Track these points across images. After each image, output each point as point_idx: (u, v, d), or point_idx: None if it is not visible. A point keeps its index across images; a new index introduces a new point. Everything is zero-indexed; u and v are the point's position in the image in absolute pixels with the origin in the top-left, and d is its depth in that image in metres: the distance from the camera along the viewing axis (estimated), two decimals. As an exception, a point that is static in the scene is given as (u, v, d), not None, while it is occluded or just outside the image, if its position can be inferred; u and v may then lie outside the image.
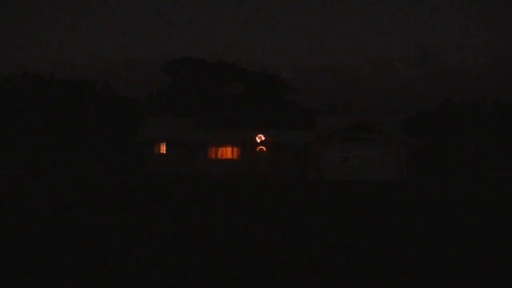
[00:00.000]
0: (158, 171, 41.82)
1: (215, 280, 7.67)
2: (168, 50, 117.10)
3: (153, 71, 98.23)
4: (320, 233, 12.17)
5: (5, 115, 49.12)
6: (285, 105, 63.89)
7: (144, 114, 51.84)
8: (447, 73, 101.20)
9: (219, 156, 42.91)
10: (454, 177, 40.29)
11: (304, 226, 13.19)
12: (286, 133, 42.56)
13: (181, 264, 8.65)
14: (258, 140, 42.06)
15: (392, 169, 38.93)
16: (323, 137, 39.69)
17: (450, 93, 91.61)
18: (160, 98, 64.59)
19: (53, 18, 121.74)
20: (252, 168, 41.46)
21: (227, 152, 42.92)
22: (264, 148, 42.30)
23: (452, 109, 54.45)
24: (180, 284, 7.49)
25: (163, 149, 43.44)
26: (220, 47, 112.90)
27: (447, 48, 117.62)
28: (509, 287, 7.64)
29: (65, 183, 30.37)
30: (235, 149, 42.65)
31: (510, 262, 9.15)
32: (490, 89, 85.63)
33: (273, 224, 13.66)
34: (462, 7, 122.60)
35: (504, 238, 11.83)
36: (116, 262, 8.82)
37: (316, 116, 49.56)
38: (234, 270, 8.30)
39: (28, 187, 27.36)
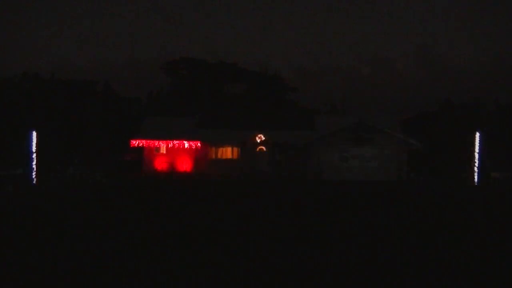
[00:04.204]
0: (158, 171, 41.85)
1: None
2: (168, 50, 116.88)
3: (153, 71, 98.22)
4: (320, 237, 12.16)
5: (5, 115, 49.08)
6: (285, 105, 63.84)
7: (144, 114, 51.82)
8: (447, 73, 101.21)
9: (219, 156, 42.90)
10: (454, 177, 40.28)
11: (308, 228, 13.19)
12: (286, 133, 42.56)
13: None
14: (258, 140, 42.06)
15: (392, 169, 38.92)
16: (323, 137, 39.68)
17: (450, 93, 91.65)
18: (160, 98, 64.54)
19: (53, 18, 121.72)
20: (252, 168, 41.45)
21: (227, 152, 42.92)
22: (264, 148, 42.30)
23: (452, 109, 54.39)
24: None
25: (163, 149, 43.46)
26: (220, 47, 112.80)
27: (447, 48, 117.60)
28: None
29: (65, 183, 30.36)
30: (235, 149, 42.65)
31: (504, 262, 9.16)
32: (490, 89, 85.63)
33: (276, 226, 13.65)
34: (462, 7, 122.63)
35: (502, 238, 11.83)
36: (116, 263, 8.82)
37: (316, 116, 49.52)
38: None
39: (28, 187, 27.36)
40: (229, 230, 12.46)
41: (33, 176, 31.36)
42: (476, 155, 34.17)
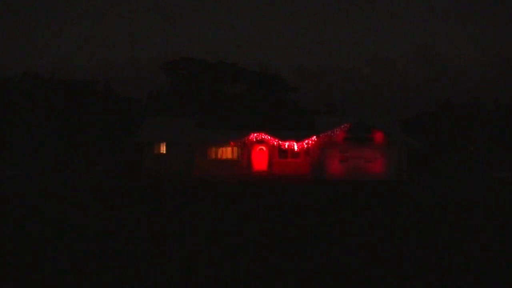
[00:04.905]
0: (158, 171, 41.86)
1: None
2: (168, 50, 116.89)
3: (153, 71, 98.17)
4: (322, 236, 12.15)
5: (5, 115, 49.11)
6: (285, 105, 63.87)
7: (144, 114, 51.85)
8: (447, 73, 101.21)
9: (219, 156, 42.93)
10: (454, 177, 40.29)
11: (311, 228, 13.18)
12: (286, 133, 42.57)
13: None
14: (258, 141, 42.07)
15: (392, 169, 38.94)
16: (323, 137, 39.67)
17: (450, 93, 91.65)
18: (160, 98, 64.56)
19: (53, 18, 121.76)
20: (252, 168, 41.47)
21: (227, 152, 42.94)
22: (264, 148, 42.31)
23: (452, 109, 54.42)
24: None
25: (163, 149, 43.47)
26: (220, 47, 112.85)
27: (447, 48, 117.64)
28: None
29: (65, 183, 30.36)
30: (235, 149, 42.68)
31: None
32: (490, 89, 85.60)
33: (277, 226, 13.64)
34: (462, 7, 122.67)
35: (500, 238, 11.83)
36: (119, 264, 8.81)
37: (316, 116, 49.58)
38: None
39: (28, 187, 27.35)
40: (229, 230, 12.46)
41: (33, 176, 31.36)
42: (476, 155, 34.16)
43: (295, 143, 40.76)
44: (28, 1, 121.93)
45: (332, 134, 39.38)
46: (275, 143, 41.52)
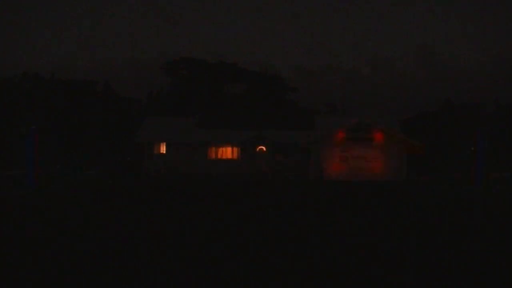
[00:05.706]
0: (158, 171, 41.86)
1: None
2: (168, 50, 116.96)
3: (153, 71, 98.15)
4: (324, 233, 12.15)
5: (5, 115, 49.09)
6: (285, 105, 63.89)
7: (144, 114, 51.89)
8: (447, 73, 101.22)
9: (219, 156, 42.95)
10: (454, 177, 40.26)
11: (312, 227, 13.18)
12: (286, 133, 42.59)
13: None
14: (258, 140, 42.08)
15: (392, 169, 38.93)
16: (323, 137, 39.70)
17: (450, 93, 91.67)
18: (160, 98, 64.60)
19: (53, 18, 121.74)
20: (252, 168, 41.48)
21: (227, 152, 42.95)
22: (264, 148, 42.31)
23: (452, 109, 54.42)
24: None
25: (163, 149, 43.49)
26: (220, 47, 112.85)
27: (447, 48, 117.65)
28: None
29: (65, 183, 30.34)
30: (235, 149, 42.68)
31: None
32: (490, 89, 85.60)
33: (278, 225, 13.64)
34: (462, 7, 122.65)
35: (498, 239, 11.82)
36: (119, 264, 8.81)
37: (316, 116, 49.64)
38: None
39: (28, 187, 27.33)
40: (229, 230, 12.45)
41: (33, 176, 31.36)
42: (477, 155, 34.19)
43: (295, 143, 40.72)
44: (28, 1, 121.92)
45: (332, 134, 39.38)
46: (275, 143, 41.39)
